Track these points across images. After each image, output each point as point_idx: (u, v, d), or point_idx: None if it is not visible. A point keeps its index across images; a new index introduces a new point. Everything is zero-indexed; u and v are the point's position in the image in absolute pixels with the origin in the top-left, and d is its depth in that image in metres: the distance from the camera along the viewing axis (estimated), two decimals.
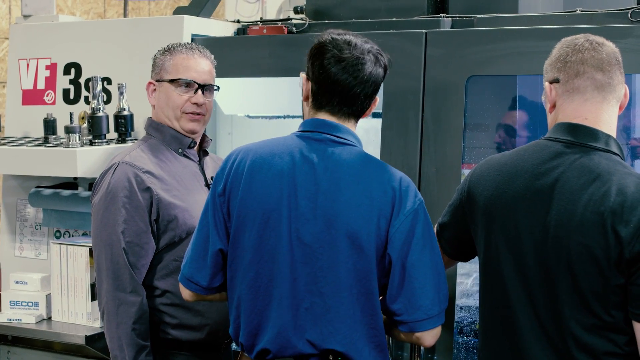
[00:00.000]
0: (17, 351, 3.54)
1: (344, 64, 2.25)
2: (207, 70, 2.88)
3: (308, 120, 2.33)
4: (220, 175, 2.34)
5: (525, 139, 3.24)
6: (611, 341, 2.09)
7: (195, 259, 2.36)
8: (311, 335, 2.22)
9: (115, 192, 2.68)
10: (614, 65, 2.21)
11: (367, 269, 2.21)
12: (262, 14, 4.24)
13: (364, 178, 2.23)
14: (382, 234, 2.21)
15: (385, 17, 3.27)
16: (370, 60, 2.28)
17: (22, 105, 3.71)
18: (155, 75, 2.89)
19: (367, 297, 2.22)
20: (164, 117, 2.87)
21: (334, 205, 2.21)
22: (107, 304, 2.68)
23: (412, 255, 2.21)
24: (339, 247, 2.20)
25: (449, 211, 2.43)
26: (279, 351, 2.24)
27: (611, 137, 2.21)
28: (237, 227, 2.29)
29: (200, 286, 2.36)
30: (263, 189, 2.26)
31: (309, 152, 2.27)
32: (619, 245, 2.03)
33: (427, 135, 2.93)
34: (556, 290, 2.11)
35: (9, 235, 3.70)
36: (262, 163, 2.28)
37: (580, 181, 2.12)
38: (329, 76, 2.26)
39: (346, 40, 2.28)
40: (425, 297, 2.22)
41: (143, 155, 2.77)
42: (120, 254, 2.66)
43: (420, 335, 2.26)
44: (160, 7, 5.84)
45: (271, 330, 2.25)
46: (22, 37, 3.72)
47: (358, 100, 2.29)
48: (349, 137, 2.30)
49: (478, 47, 2.90)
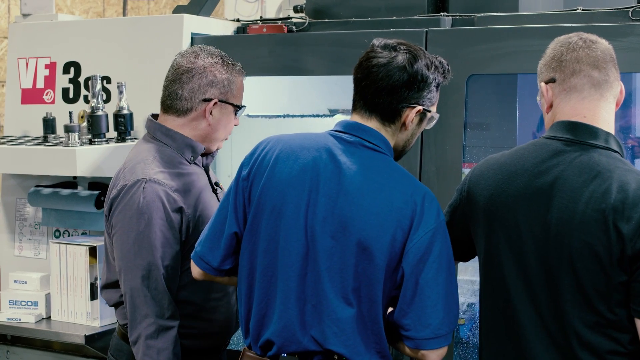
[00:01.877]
0: (16, 351, 3.54)
1: (371, 63, 2.25)
2: None
3: (342, 121, 2.32)
4: (247, 160, 2.33)
5: (526, 138, 3.24)
6: (614, 339, 2.08)
7: (210, 239, 2.35)
8: (316, 333, 2.22)
9: (150, 213, 2.53)
10: (609, 62, 2.21)
11: (374, 277, 2.19)
12: (262, 13, 4.24)
13: (387, 187, 2.21)
14: (397, 246, 2.18)
15: (386, 16, 3.26)
16: (397, 59, 2.23)
17: (22, 104, 3.71)
18: (222, 94, 2.68)
19: (371, 305, 2.20)
20: (212, 137, 2.72)
21: (353, 209, 2.19)
22: (146, 329, 2.55)
23: (427, 273, 2.18)
24: (350, 250, 2.18)
25: (449, 211, 2.42)
26: (283, 345, 2.24)
27: (610, 134, 2.21)
28: (256, 214, 2.27)
29: (210, 266, 2.35)
30: (286, 180, 2.24)
31: (338, 151, 2.25)
32: (621, 242, 2.03)
33: (427, 134, 2.92)
34: (558, 289, 2.11)
35: (8, 234, 3.70)
36: (290, 154, 2.27)
37: (581, 179, 2.12)
38: (358, 74, 2.27)
39: (379, 44, 2.27)
40: (435, 316, 2.20)
41: (164, 170, 2.62)
42: (159, 279, 2.55)
43: (425, 353, 2.23)
44: (159, 6, 5.84)
45: (277, 322, 2.24)
46: (22, 36, 3.72)
47: (381, 97, 2.24)
48: (380, 144, 2.27)
49: (478, 46, 2.90)
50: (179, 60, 2.70)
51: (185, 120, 2.69)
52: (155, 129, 2.72)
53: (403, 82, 2.23)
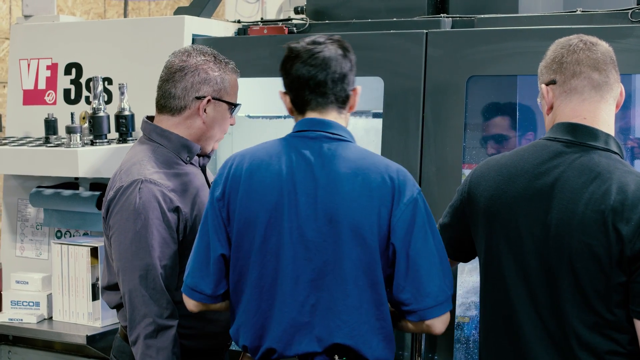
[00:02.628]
0: (18, 351, 3.54)
1: (301, 59, 2.30)
2: None
3: (301, 120, 2.36)
4: (218, 181, 2.36)
5: (526, 139, 3.25)
6: (613, 340, 2.09)
7: (198, 268, 2.36)
8: (320, 331, 2.23)
9: (146, 213, 2.53)
10: (609, 64, 2.22)
11: (371, 260, 2.23)
12: (262, 14, 4.24)
13: (360, 171, 2.25)
14: (384, 224, 2.23)
15: (386, 18, 3.27)
16: (327, 49, 2.31)
17: (23, 105, 3.71)
18: (214, 91, 2.68)
19: (372, 289, 2.24)
20: (207, 136, 2.71)
21: (334, 199, 2.23)
22: (145, 329, 2.55)
23: (415, 243, 2.23)
24: (343, 240, 2.22)
25: (450, 212, 2.44)
26: (284, 349, 2.25)
27: (610, 136, 2.22)
28: (239, 230, 2.30)
29: (205, 294, 2.36)
30: (263, 190, 2.28)
31: (305, 150, 2.29)
32: (620, 243, 2.04)
33: (427, 135, 2.93)
34: (558, 289, 2.12)
35: (10, 235, 3.70)
36: (260, 164, 2.31)
37: (581, 180, 2.13)
38: (293, 76, 2.32)
39: (306, 41, 2.34)
40: (432, 284, 2.24)
41: (159, 171, 2.62)
42: (157, 279, 2.55)
43: (430, 323, 2.27)
44: (160, 7, 5.84)
45: (276, 329, 2.26)
46: (23, 37, 3.72)
47: (326, 86, 2.31)
48: (342, 133, 2.33)
49: (478, 48, 2.91)
50: (172, 59, 2.72)
51: (179, 119, 2.69)
52: (150, 130, 2.72)
53: (349, 68, 2.33)
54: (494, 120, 3.32)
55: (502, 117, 3.32)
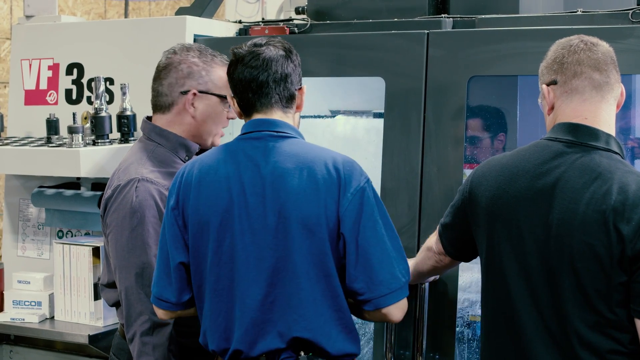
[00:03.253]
0: (19, 350, 3.55)
1: (242, 63, 2.33)
2: None
3: (246, 122, 2.39)
4: (172, 190, 2.39)
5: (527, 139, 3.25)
6: (615, 339, 2.10)
7: (161, 277, 2.39)
8: (281, 326, 2.25)
9: (142, 211, 2.55)
10: (609, 64, 2.23)
11: (322, 251, 2.24)
12: (262, 14, 4.25)
13: (306, 165, 2.27)
14: (332, 215, 2.24)
15: (387, 18, 3.27)
16: (267, 49, 2.33)
17: (25, 105, 3.71)
18: (199, 84, 2.70)
19: (326, 280, 2.24)
20: (200, 132, 2.73)
21: (282, 195, 2.25)
22: (141, 327, 2.57)
23: (364, 232, 2.24)
24: (292, 234, 2.23)
25: (451, 212, 2.44)
26: (249, 350, 2.27)
27: (611, 136, 2.22)
28: (194, 235, 2.33)
29: (170, 303, 2.39)
30: (213, 194, 2.30)
31: (251, 150, 2.31)
32: (621, 243, 2.05)
33: (429, 135, 2.94)
34: (559, 289, 2.12)
35: (12, 235, 3.71)
36: (209, 169, 2.33)
37: (582, 180, 2.13)
38: (236, 79, 2.34)
39: (240, 46, 2.37)
40: (385, 271, 2.24)
41: (156, 170, 2.64)
42: (153, 277, 2.53)
43: (386, 311, 2.27)
44: (160, 7, 5.85)
45: (238, 330, 2.27)
46: (25, 38, 3.73)
47: (268, 87, 2.33)
48: (287, 130, 2.34)
49: (479, 48, 2.91)
50: (160, 59, 2.76)
51: (170, 116, 2.72)
52: (149, 130, 2.75)
53: (292, 68, 2.35)
54: (495, 120, 3.33)
55: (504, 117, 3.33)
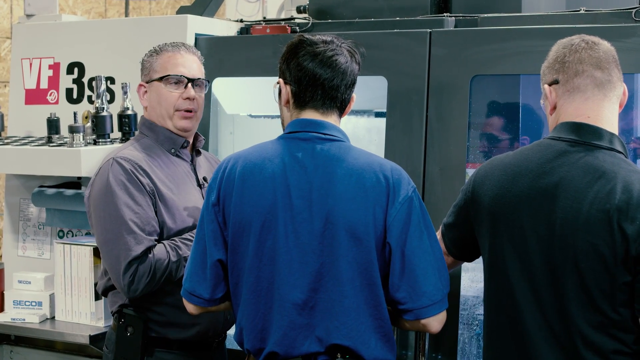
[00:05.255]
0: (20, 351, 3.55)
1: (320, 58, 2.29)
2: (196, 66, 2.87)
3: (293, 121, 2.35)
4: (212, 185, 2.36)
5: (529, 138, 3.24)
6: (619, 339, 2.09)
7: (195, 272, 2.36)
8: (320, 332, 2.23)
9: (114, 182, 2.65)
10: (611, 62, 2.23)
11: (368, 260, 2.22)
12: (263, 13, 4.25)
13: (354, 170, 2.25)
14: (380, 224, 2.22)
15: (389, 17, 3.27)
16: (344, 54, 2.31)
17: (25, 104, 3.71)
18: (144, 77, 2.87)
19: (370, 289, 2.23)
20: (157, 117, 2.84)
21: (329, 201, 2.23)
22: (135, 258, 2.62)
23: (411, 242, 2.23)
24: (339, 241, 2.21)
25: (454, 211, 2.43)
26: (286, 352, 2.25)
27: (614, 135, 2.22)
28: (235, 234, 2.30)
29: (203, 299, 2.37)
30: (256, 194, 2.28)
31: (298, 152, 2.29)
32: (625, 242, 2.04)
33: (431, 134, 2.93)
34: (563, 289, 2.12)
35: (12, 234, 3.70)
36: (254, 168, 2.30)
37: (585, 179, 2.13)
38: (308, 71, 2.29)
39: (319, 38, 2.33)
40: (428, 283, 2.24)
41: (136, 153, 2.75)
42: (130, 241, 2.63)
43: (426, 322, 2.27)
44: (160, 6, 5.84)
45: (276, 332, 2.26)
46: (25, 37, 3.72)
47: (339, 91, 2.31)
48: (336, 133, 2.32)
49: (482, 47, 2.91)
50: None
51: (145, 111, 2.91)
52: (141, 124, 2.91)
53: (356, 75, 2.35)
54: (497, 119, 3.32)
55: (506, 116, 3.32)
